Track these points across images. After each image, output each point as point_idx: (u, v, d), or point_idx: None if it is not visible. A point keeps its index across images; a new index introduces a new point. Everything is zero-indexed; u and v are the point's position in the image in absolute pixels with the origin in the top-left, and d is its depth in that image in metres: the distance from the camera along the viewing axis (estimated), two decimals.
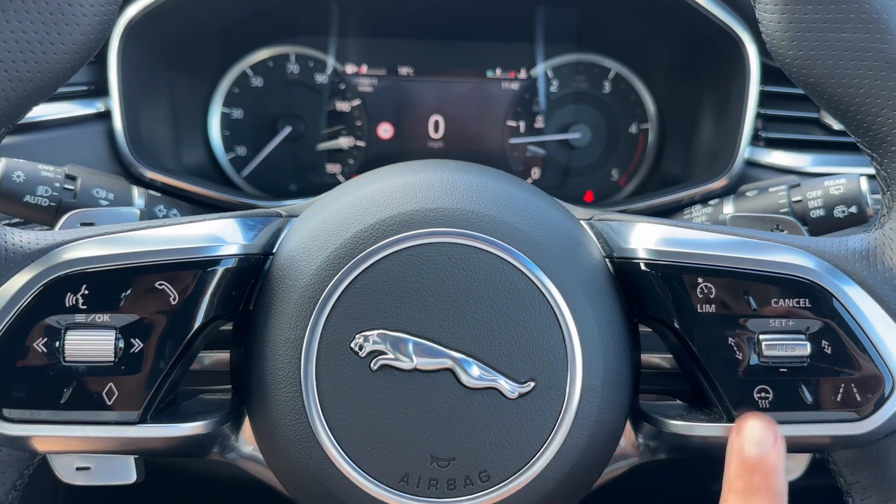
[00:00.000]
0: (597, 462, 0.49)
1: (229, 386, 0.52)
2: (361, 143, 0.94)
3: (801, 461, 0.54)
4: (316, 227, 0.48)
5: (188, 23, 0.82)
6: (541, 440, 0.45)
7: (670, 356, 0.53)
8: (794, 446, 0.48)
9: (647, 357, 0.54)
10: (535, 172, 0.95)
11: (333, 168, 0.94)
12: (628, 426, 0.51)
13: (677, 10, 0.78)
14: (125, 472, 0.50)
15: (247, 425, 0.50)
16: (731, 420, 0.46)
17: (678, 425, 0.47)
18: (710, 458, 0.52)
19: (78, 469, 0.50)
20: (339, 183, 0.94)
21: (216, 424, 0.47)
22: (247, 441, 0.51)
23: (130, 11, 0.75)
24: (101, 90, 0.77)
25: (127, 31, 0.76)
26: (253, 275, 0.49)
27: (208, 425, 0.46)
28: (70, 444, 0.45)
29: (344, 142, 0.93)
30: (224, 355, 0.53)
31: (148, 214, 0.66)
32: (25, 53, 0.43)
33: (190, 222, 0.48)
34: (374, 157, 0.94)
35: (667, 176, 0.91)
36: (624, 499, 0.72)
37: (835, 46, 0.44)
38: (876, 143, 0.46)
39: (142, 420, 0.45)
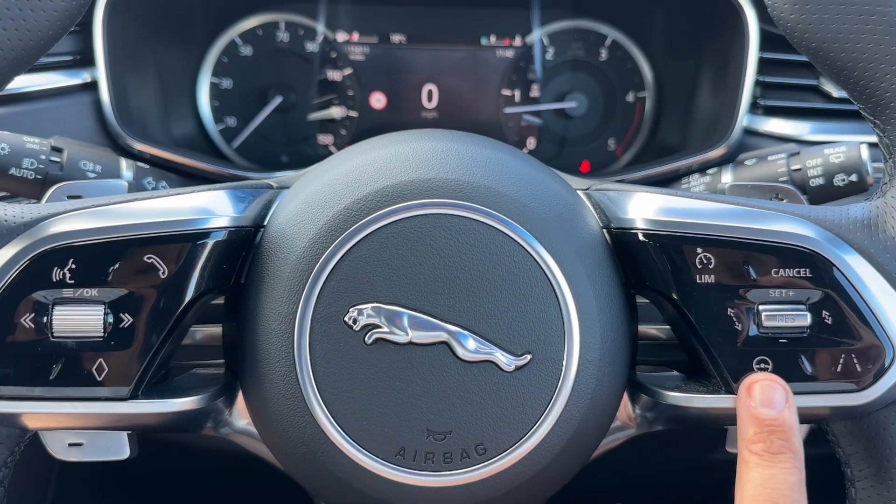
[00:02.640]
0: (594, 434, 0.48)
1: (222, 361, 0.52)
2: (354, 114, 0.92)
3: (801, 432, 0.53)
4: (307, 199, 0.47)
5: None
6: (538, 413, 0.45)
7: (667, 327, 0.52)
8: None
9: (644, 328, 0.54)
10: (531, 142, 0.93)
11: (325, 139, 0.93)
12: (625, 397, 0.51)
13: None
14: (118, 448, 0.50)
15: (240, 399, 0.50)
16: (729, 391, 0.46)
17: (676, 397, 0.47)
18: (709, 429, 0.52)
19: (70, 445, 0.49)
20: (331, 154, 0.93)
21: (209, 399, 0.47)
22: (241, 415, 0.50)
23: None
24: (87, 60, 0.75)
25: (112, 1, 0.74)
26: (244, 247, 0.48)
27: (201, 400, 0.46)
28: (61, 421, 0.45)
29: (336, 112, 0.92)
30: (216, 329, 0.52)
31: (136, 187, 0.64)
32: (4, 21, 0.41)
33: (179, 194, 0.47)
34: (366, 128, 0.92)
35: (664, 145, 0.90)
36: (622, 470, 0.72)
37: (838, 10, 0.44)
38: (879, 110, 0.45)
39: (133, 396, 0.44)
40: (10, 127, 0.64)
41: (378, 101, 0.92)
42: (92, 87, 0.75)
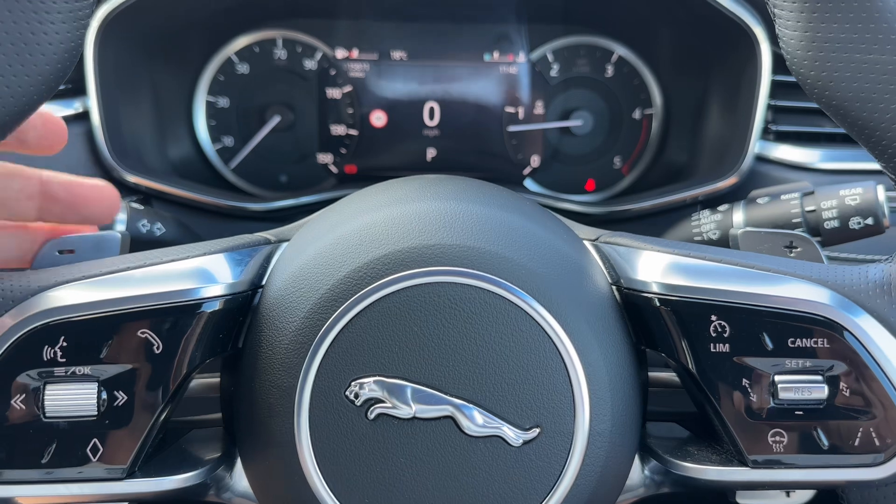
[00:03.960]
0: None
1: (219, 415, 0.51)
2: (354, 132, 0.90)
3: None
4: (306, 264, 0.46)
5: (169, 14, 0.78)
6: (546, 489, 0.44)
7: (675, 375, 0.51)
8: (807, 486, 0.47)
9: (654, 375, 0.52)
10: (535, 161, 0.91)
11: (325, 158, 0.91)
12: (636, 460, 0.49)
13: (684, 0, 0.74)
14: None
15: (239, 464, 0.49)
16: (743, 463, 0.44)
17: (689, 468, 0.46)
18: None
19: None
20: (331, 174, 0.91)
21: (209, 472, 0.45)
22: (241, 479, 0.49)
23: (105, 9, 0.70)
24: (78, 89, 0.73)
25: (103, 28, 0.71)
26: (241, 312, 0.46)
27: (202, 474, 0.45)
28: (56, 500, 0.43)
29: (335, 130, 0.90)
30: (213, 380, 0.51)
31: (131, 232, 0.63)
32: None
33: (174, 259, 0.45)
34: (366, 146, 0.90)
35: (671, 165, 0.88)
36: None
37: (861, 68, 0.42)
38: None
39: (130, 474, 0.43)
40: (1, 159, 0.63)
41: (378, 119, 0.90)
42: (84, 116, 0.73)
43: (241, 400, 0.46)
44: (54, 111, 0.72)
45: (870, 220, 0.59)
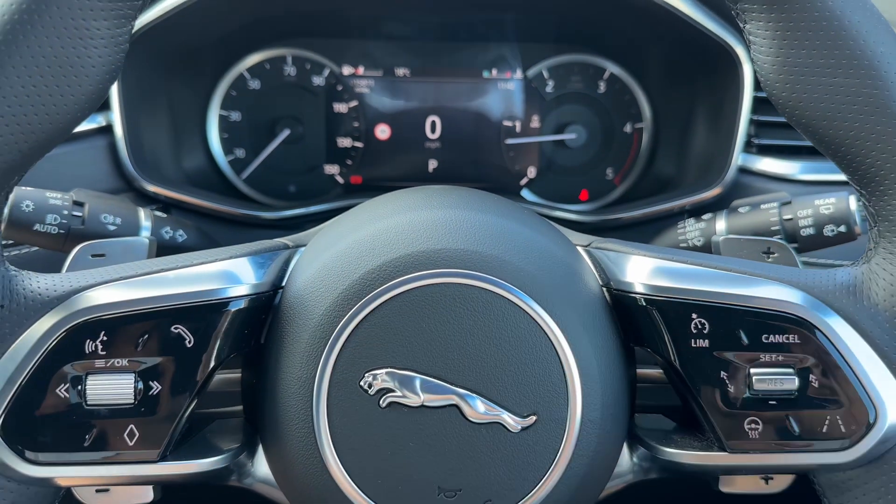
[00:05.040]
0: (595, 487, 0.51)
1: (240, 408, 0.55)
2: (359, 144, 0.95)
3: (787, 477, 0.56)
4: (324, 266, 0.50)
5: (186, 33, 0.82)
6: (542, 471, 0.48)
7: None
8: (780, 470, 0.51)
9: (643, 371, 0.56)
10: (531, 172, 0.96)
11: (332, 169, 0.95)
12: (624, 448, 0.54)
13: (670, 21, 0.78)
14: (143, 494, 0.53)
15: (260, 451, 0.52)
16: (722, 448, 0.48)
17: (672, 453, 0.50)
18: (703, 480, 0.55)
19: (98, 491, 0.52)
20: (337, 184, 0.95)
21: (233, 457, 0.49)
22: (261, 466, 0.53)
23: None
24: (102, 104, 0.77)
25: None
26: (264, 311, 0.50)
27: (226, 458, 0.49)
28: (93, 481, 0.47)
29: (341, 143, 0.94)
30: (234, 375, 0.55)
31: (156, 238, 0.67)
32: (37, 106, 0.43)
33: (202, 262, 0.49)
34: (371, 158, 0.95)
35: (660, 176, 0.92)
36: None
37: (827, 90, 0.45)
38: (865, 182, 0.48)
39: (162, 458, 0.47)
40: (30, 171, 0.67)
41: (383, 132, 0.94)
42: (107, 130, 0.77)
43: (263, 391, 0.50)
44: (79, 125, 0.76)
45: (843, 228, 0.64)
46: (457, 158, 0.94)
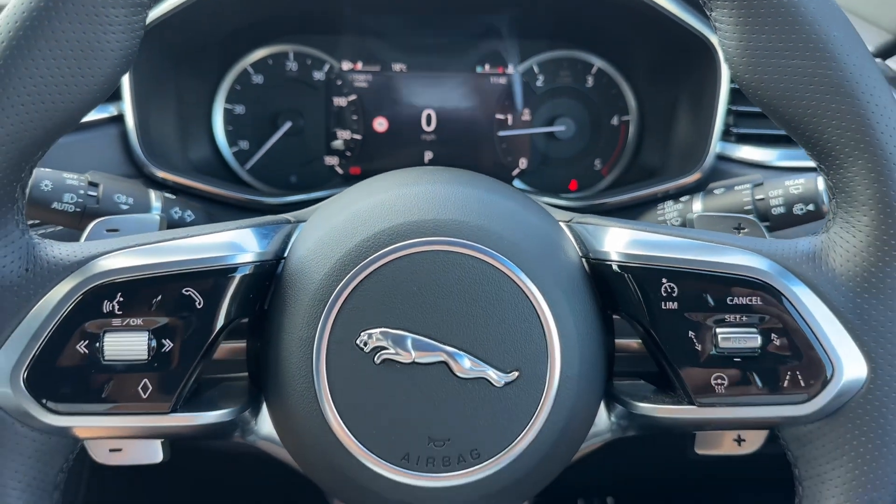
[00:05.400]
0: (574, 440, 0.55)
1: (245, 374, 0.59)
2: (358, 137, 0.99)
3: (760, 436, 0.60)
4: (323, 236, 0.54)
5: (194, 29, 0.87)
6: (524, 423, 0.51)
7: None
8: (747, 424, 0.55)
9: (622, 342, 0.60)
10: (523, 162, 1.00)
11: (331, 160, 0.99)
12: (602, 406, 0.58)
13: (653, 18, 0.82)
14: (153, 453, 0.57)
15: (264, 410, 0.56)
16: (691, 403, 0.52)
17: (646, 407, 0.54)
18: (678, 435, 0.58)
19: (111, 451, 0.56)
20: (337, 174, 0.99)
21: (238, 412, 0.53)
22: (264, 424, 0.57)
23: None
24: (113, 94, 0.81)
25: None
26: (267, 278, 0.54)
27: (231, 413, 0.53)
28: (109, 432, 0.51)
29: (341, 135, 0.98)
30: (238, 345, 0.59)
31: (166, 216, 0.71)
32: (60, 86, 0.47)
33: (210, 232, 0.53)
34: (370, 150, 0.99)
35: (645, 166, 0.96)
36: (601, 468, 0.79)
37: (786, 71, 0.49)
38: (823, 156, 0.51)
39: (173, 410, 0.51)
40: (46, 158, 0.71)
41: (380, 125, 0.99)
42: (118, 119, 0.81)
43: (267, 352, 0.54)
44: (91, 115, 0.80)
45: (811, 207, 0.68)
46: (451, 150, 0.98)
